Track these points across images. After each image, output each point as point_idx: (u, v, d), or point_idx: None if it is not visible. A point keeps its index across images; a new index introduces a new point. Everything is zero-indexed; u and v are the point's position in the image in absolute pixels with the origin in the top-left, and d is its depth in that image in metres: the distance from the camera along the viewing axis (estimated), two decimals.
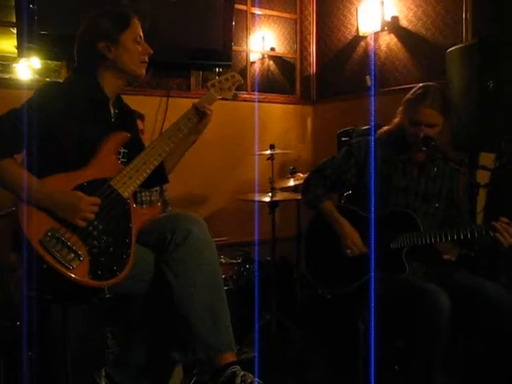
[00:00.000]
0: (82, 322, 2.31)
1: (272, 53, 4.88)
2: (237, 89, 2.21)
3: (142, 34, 1.99)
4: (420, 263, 2.36)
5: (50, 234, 1.70)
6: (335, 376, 2.71)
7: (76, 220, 1.73)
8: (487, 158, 2.85)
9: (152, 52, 2.00)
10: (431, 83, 2.40)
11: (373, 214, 2.28)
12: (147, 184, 2.22)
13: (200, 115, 2.08)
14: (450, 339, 2.04)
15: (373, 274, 2.18)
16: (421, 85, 2.38)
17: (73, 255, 1.70)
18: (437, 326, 1.98)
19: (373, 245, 2.27)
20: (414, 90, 2.37)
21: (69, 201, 1.74)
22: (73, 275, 1.68)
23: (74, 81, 1.99)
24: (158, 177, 2.14)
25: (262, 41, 4.80)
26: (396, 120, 2.44)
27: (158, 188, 3.18)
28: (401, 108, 2.42)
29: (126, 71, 1.97)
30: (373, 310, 2.06)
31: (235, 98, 2.23)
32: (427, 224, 2.36)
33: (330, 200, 2.48)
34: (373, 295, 2.07)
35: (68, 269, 1.68)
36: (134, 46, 1.96)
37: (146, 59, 2.00)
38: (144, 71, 2.01)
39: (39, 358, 2.18)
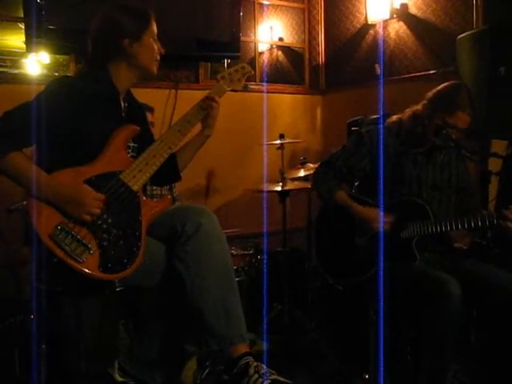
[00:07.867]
0: (95, 314, 2.33)
1: (280, 43, 4.86)
2: (246, 80, 2.20)
3: (156, 33, 2.01)
4: (432, 252, 2.35)
5: (59, 227, 1.70)
6: (346, 367, 2.72)
7: (82, 215, 1.73)
8: (499, 145, 2.83)
9: (164, 52, 2.03)
10: (460, 82, 2.33)
11: (382, 204, 2.27)
12: (160, 181, 2.24)
13: (209, 108, 2.08)
14: (461, 328, 2.03)
15: (382, 264, 2.17)
16: (454, 84, 2.31)
17: (83, 248, 1.70)
18: (448, 314, 1.98)
19: (382, 234, 2.26)
20: (447, 89, 2.29)
21: (75, 195, 1.74)
22: (83, 268, 1.68)
23: (85, 75, 2.01)
24: (171, 174, 2.16)
25: (270, 31, 4.78)
26: (411, 111, 2.39)
27: None
28: (427, 103, 2.33)
29: (142, 68, 1.99)
30: (382, 299, 2.05)
31: (246, 89, 2.21)
32: (443, 212, 2.35)
33: (342, 189, 2.45)
34: (382, 285, 2.07)
35: (78, 262, 1.68)
36: (153, 45, 1.98)
37: (159, 58, 2.02)
38: (156, 69, 2.03)
39: (52, 350, 2.20)
